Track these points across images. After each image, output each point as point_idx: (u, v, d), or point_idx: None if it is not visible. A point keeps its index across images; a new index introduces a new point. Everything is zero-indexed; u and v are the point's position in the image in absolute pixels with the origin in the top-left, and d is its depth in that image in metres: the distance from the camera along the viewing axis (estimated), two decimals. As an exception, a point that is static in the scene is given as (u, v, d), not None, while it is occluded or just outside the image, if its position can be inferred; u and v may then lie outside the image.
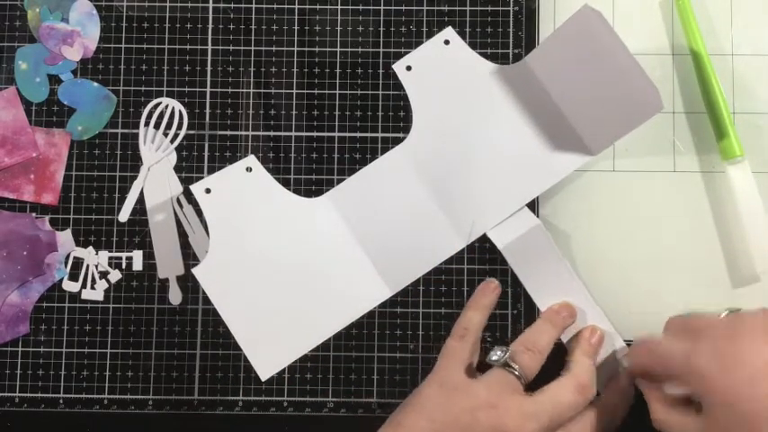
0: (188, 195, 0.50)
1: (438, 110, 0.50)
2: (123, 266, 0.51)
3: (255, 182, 0.49)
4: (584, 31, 0.46)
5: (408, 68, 0.50)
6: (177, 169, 0.51)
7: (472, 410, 0.42)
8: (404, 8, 0.52)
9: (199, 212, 0.50)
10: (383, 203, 0.49)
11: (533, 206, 0.49)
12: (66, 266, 0.50)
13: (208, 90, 0.51)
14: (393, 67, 0.50)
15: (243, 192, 0.49)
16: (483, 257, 0.50)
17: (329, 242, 0.49)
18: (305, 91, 0.51)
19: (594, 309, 0.48)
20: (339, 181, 0.50)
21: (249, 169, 0.49)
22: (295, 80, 0.51)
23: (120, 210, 0.51)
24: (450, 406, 0.42)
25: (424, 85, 0.50)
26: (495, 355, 0.44)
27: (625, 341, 0.48)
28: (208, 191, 0.48)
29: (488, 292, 0.48)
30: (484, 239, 0.50)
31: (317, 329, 0.48)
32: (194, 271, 0.47)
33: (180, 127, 0.51)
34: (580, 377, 0.44)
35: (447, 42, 0.51)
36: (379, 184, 0.50)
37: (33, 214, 0.51)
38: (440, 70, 0.50)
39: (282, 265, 0.48)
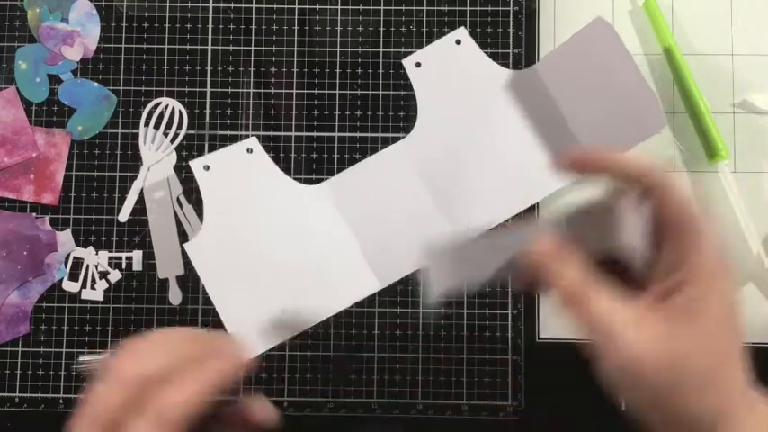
0: (188, 195, 0.50)
1: (443, 108, 0.50)
2: (123, 266, 0.51)
3: (255, 163, 0.49)
4: (595, 44, 0.46)
5: (418, 65, 0.51)
6: (177, 169, 0.51)
7: None
8: (404, 8, 0.52)
9: (199, 213, 0.50)
10: (380, 197, 0.49)
11: (533, 205, 0.49)
12: (66, 266, 0.50)
13: (208, 90, 0.51)
14: (403, 61, 0.51)
15: (242, 172, 0.49)
16: (483, 257, 0.50)
17: (323, 230, 0.49)
18: (305, 91, 0.51)
19: None
20: (339, 181, 0.50)
21: (250, 150, 0.49)
22: (295, 80, 0.51)
23: (120, 210, 0.51)
24: None
25: (431, 83, 0.50)
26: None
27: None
28: (206, 168, 0.49)
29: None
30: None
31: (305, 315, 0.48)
32: (186, 246, 0.48)
33: (180, 127, 0.51)
34: None
35: (459, 42, 0.51)
36: (378, 177, 0.50)
37: (33, 214, 0.51)
38: (449, 69, 0.50)
39: (274, 248, 0.48)
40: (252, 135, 0.51)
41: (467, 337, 0.50)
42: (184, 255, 0.50)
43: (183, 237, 0.50)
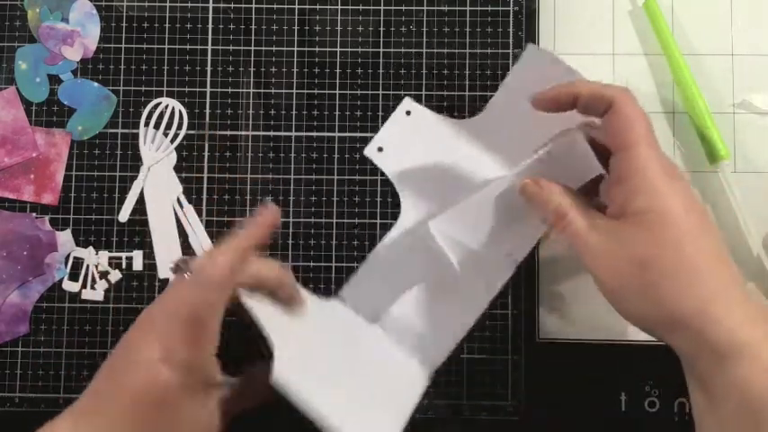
0: (188, 195, 0.50)
1: (420, 182, 0.49)
2: (123, 266, 0.51)
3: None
4: (536, 71, 0.44)
5: (380, 150, 0.50)
6: (177, 169, 0.51)
7: None
8: (404, 8, 0.52)
9: (199, 212, 0.50)
10: (399, 287, 0.48)
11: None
12: (66, 266, 0.50)
13: (208, 90, 0.51)
14: (364, 152, 0.50)
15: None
16: (483, 257, 0.50)
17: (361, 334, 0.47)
18: (305, 91, 0.51)
19: None
20: (339, 182, 0.50)
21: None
22: (295, 80, 0.51)
23: (120, 210, 0.51)
24: None
25: (399, 163, 0.50)
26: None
27: (624, 340, 0.48)
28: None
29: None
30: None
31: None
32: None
33: (180, 127, 0.51)
34: None
35: (408, 113, 0.50)
36: (389, 272, 0.48)
37: (33, 214, 0.51)
38: (409, 142, 0.50)
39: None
40: (251, 137, 0.51)
41: (467, 338, 0.50)
42: (184, 255, 0.50)
43: (183, 237, 0.50)
